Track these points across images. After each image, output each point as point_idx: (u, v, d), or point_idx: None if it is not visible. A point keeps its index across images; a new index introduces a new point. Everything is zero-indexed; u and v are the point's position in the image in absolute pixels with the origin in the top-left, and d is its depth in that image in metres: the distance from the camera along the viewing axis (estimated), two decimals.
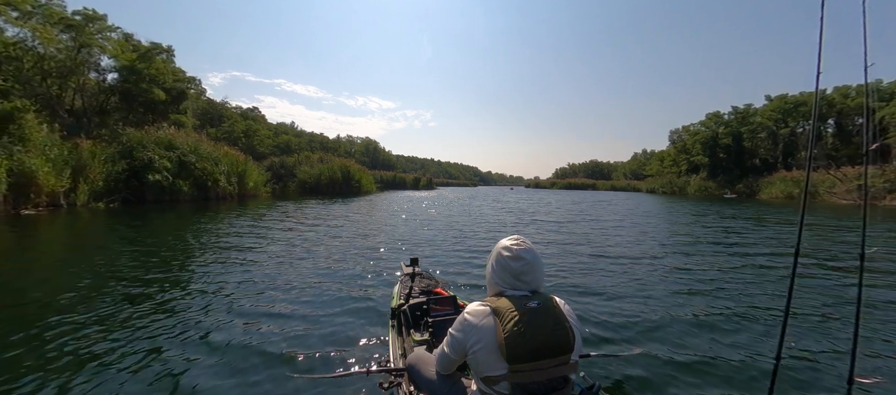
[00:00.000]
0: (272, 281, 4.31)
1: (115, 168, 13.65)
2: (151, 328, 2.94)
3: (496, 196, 32.97)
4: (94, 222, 9.69)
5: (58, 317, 3.10)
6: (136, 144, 14.44)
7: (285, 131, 47.17)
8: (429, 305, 2.27)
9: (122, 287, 3.98)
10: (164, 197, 14.72)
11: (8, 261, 5.55)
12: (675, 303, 3.72)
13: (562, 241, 7.61)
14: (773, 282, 4.48)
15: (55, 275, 4.68)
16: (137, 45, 18.98)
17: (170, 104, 19.76)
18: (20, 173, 10.32)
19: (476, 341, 1.18)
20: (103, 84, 19.13)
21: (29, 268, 5.10)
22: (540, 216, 13.45)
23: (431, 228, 9.55)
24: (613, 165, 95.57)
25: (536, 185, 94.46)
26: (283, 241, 7.09)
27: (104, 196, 13.11)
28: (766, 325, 3.09)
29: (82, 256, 5.83)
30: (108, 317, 3.15)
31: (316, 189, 26.50)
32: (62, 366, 2.36)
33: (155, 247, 6.33)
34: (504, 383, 1.15)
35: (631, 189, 57.06)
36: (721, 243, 7.57)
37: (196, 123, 25.03)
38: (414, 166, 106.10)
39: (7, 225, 8.49)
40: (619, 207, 18.95)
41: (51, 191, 11.31)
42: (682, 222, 11.84)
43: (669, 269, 5.20)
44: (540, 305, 1.17)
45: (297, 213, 12.80)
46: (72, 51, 16.83)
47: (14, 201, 10.24)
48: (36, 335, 2.78)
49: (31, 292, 3.90)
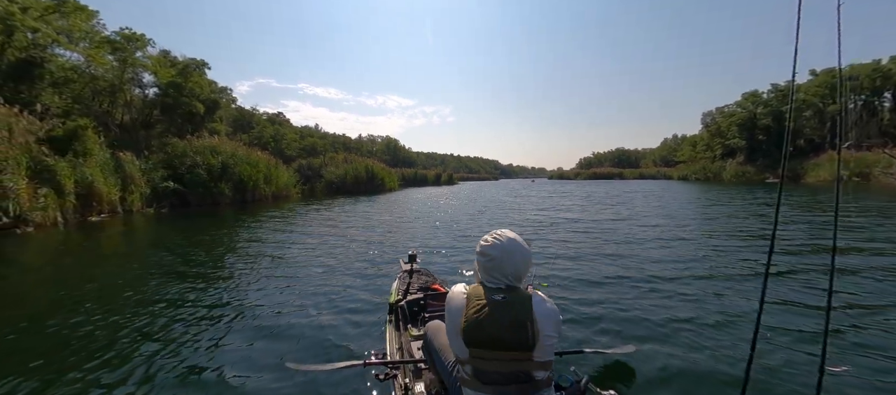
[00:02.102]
0: (278, 275, 4.51)
1: (160, 175, 14.82)
2: (156, 319, 3.21)
3: (515, 190, 32.41)
4: (146, 226, 10.69)
5: (95, 305, 3.58)
6: (181, 154, 15.57)
7: (310, 134, 48.77)
8: (426, 300, 2.33)
9: (146, 285, 4.41)
10: (206, 201, 15.83)
11: (91, 260, 6.31)
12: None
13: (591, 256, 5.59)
14: (810, 282, 4.18)
15: (120, 271, 5.30)
16: (174, 61, 20.31)
17: (206, 114, 21.05)
18: (84, 185, 11.46)
19: (449, 317, 1.29)
20: (146, 99, 20.67)
21: (102, 265, 5.78)
22: (562, 213, 12.56)
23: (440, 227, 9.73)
24: (641, 153, 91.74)
25: (560, 176, 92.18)
26: (308, 237, 7.46)
27: (154, 202, 14.29)
28: (812, 332, 2.78)
29: (135, 255, 6.52)
30: (128, 310, 3.53)
31: (342, 188, 27.38)
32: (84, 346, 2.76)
33: (179, 248, 6.87)
34: (468, 365, 1.22)
35: (661, 177, 54.68)
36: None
37: (228, 130, 26.48)
38: (434, 162, 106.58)
39: (80, 230, 9.61)
40: (656, 200, 16.57)
41: (109, 199, 12.46)
42: (736, 214, 11.34)
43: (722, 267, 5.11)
44: (505, 299, 1.21)
45: (325, 212, 13.39)
46: (118, 70, 18.30)
47: (82, 210, 11.39)
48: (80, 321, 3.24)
49: (99, 283, 4.48)
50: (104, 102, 18.70)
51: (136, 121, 19.52)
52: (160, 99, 19.96)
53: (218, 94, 23.22)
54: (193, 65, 20.68)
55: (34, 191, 9.73)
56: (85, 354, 2.64)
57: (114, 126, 17.31)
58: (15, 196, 9.00)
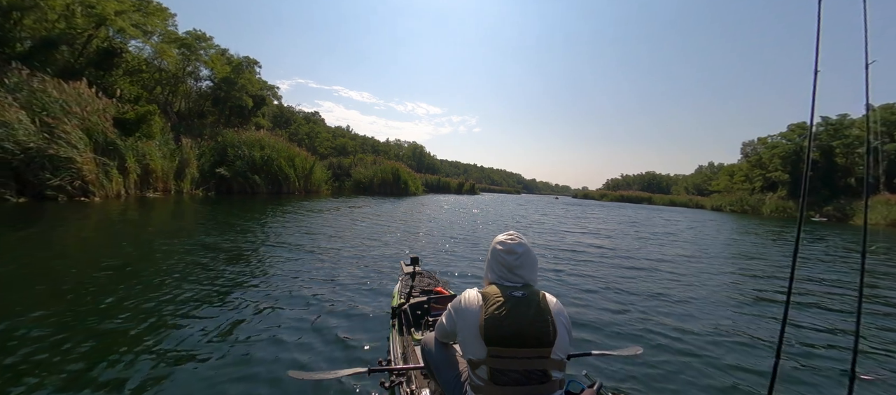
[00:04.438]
0: (292, 275, 4.38)
1: (210, 162, 16.09)
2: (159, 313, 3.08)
3: (541, 207, 29.99)
4: (194, 206, 11.68)
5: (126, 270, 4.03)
6: (230, 144, 16.89)
7: (342, 134, 50.74)
8: (429, 304, 2.27)
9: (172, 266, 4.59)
10: (246, 188, 17.01)
11: (149, 228, 7.08)
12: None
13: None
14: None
15: (146, 247, 5.88)
16: (230, 59, 22.03)
17: (253, 109, 22.62)
18: (144, 165, 12.69)
19: (463, 320, 1.26)
20: (200, 91, 22.52)
21: (158, 233, 6.48)
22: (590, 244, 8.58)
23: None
24: (673, 178, 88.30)
25: (584, 195, 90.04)
26: (326, 234, 7.63)
27: (201, 185, 15.50)
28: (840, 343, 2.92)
29: (178, 228, 7.23)
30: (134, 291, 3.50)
31: (369, 188, 28.30)
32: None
33: (215, 231, 7.31)
34: (483, 367, 1.19)
35: (693, 205, 52.38)
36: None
37: (269, 126, 28.17)
38: (457, 171, 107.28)
39: (139, 204, 10.71)
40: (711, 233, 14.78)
41: (165, 179, 13.68)
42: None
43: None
44: (525, 295, 1.23)
45: (354, 210, 13.99)
46: (181, 64, 20.12)
47: (141, 186, 12.59)
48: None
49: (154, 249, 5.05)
50: (166, 91, 20.57)
51: (192, 110, 21.26)
52: (212, 92, 21.70)
53: (265, 90, 24.84)
54: (246, 63, 22.34)
55: (100, 166, 10.91)
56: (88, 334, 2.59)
57: (172, 113, 18.96)
58: (78, 169, 10.11)
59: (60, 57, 14.32)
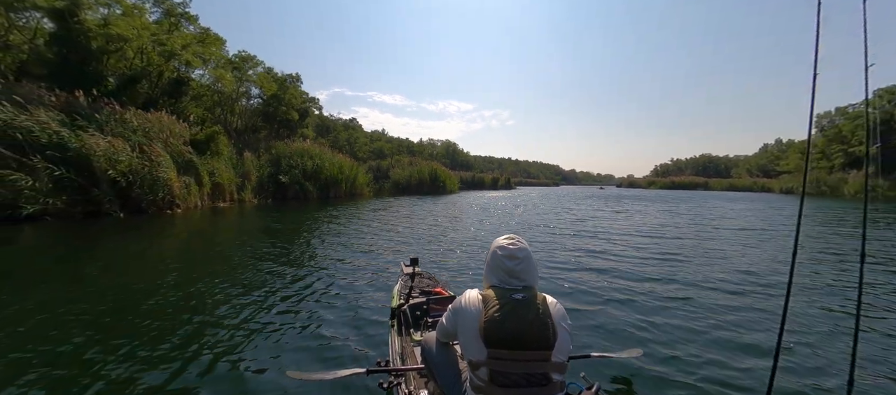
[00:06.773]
0: (300, 279, 4.40)
1: (268, 173, 17.69)
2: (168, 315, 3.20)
3: (576, 198, 27.24)
4: (256, 213, 12.92)
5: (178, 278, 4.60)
6: (282, 156, 18.54)
7: (378, 138, 52.64)
8: (428, 305, 2.27)
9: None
10: (299, 195, 18.59)
11: (227, 236, 8.09)
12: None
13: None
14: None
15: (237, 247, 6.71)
16: (275, 77, 23.86)
17: (299, 121, 24.35)
18: (216, 179, 14.31)
19: (463, 321, 1.27)
20: (251, 108, 24.65)
21: (232, 240, 7.37)
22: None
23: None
24: (733, 160, 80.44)
25: (630, 184, 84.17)
26: (368, 235, 8.16)
27: (260, 194, 17.11)
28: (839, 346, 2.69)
29: (243, 235, 8.11)
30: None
31: (407, 189, 29.25)
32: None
33: (266, 237, 8.06)
34: (484, 368, 1.19)
35: (758, 189, 47.44)
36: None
37: (313, 136, 30.09)
38: (491, 166, 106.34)
39: (212, 213, 12.16)
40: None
41: (231, 190, 15.30)
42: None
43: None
44: (525, 298, 1.23)
45: (399, 210, 14.62)
46: (235, 85, 22.20)
47: (213, 198, 14.22)
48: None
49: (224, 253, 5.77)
50: (224, 111, 22.80)
51: (247, 126, 23.36)
52: (263, 108, 23.66)
53: (308, 103, 26.60)
54: (289, 79, 24.07)
55: (182, 182, 12.51)
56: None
57: (231, 131, 20.99)
58: (168, 186, 11.70)
59: (141, 90, 16.50)
